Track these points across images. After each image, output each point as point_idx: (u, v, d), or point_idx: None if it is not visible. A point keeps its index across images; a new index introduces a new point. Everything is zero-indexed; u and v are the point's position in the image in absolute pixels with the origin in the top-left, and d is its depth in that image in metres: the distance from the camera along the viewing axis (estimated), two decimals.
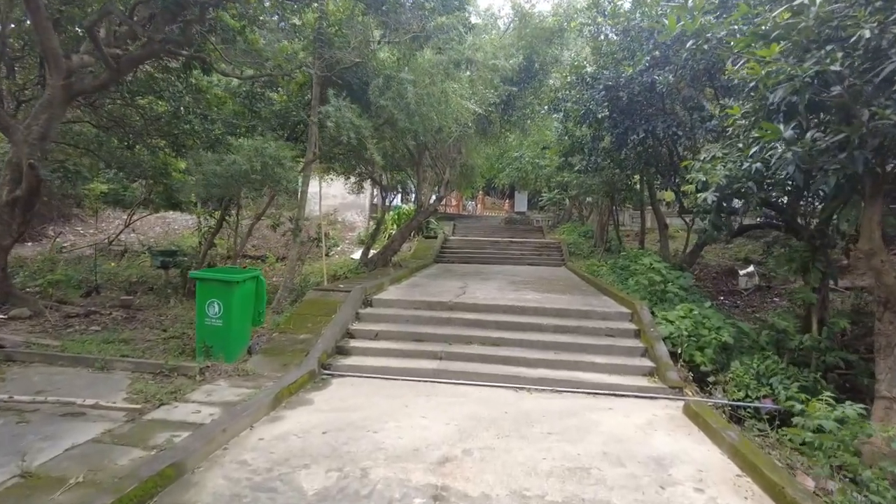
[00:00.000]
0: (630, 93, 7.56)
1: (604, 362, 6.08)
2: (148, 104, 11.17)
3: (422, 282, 10.13)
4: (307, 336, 6.56)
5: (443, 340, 6.63)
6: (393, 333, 6.75)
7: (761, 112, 5.93)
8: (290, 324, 6.86)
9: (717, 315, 6.89)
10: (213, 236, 11.13)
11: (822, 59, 4.34)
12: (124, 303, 9.09)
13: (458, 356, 6.20)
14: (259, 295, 6.39)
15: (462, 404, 5.06)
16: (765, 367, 5.90)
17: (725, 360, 6.55)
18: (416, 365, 6.00)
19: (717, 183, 6.03)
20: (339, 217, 22.57)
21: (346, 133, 6.34)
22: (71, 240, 17.59)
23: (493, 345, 6.52)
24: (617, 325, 7.01)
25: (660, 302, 7.83)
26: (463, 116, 9.88)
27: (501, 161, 23.61)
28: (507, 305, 7.50)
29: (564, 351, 6.39)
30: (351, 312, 7.08)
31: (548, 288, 9.73)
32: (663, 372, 5.80)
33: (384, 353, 6.33)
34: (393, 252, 12.47)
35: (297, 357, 6.08)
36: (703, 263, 16.52)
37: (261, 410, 4.60)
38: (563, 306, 7.54)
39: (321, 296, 7.61)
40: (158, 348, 6.48)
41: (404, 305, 7.63)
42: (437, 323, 7.08)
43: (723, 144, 6.80)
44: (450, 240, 18.37)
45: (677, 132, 7.62)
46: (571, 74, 8.68)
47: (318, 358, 5.95)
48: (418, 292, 8.55)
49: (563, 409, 5.05)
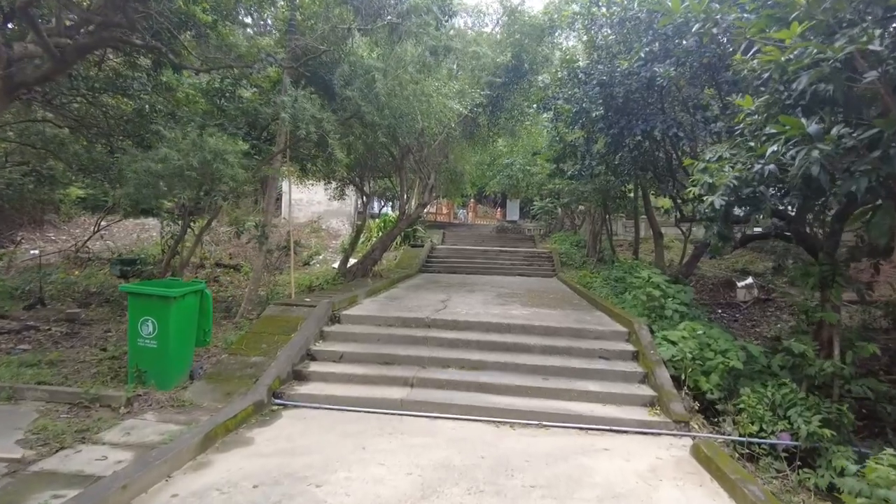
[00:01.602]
0: (627, 89, 6.87)
1: (598, 390, 5.31)
2: (116, 103, 10.40)
3: (401, 294, 9.35)
4: (260, 359, 5.74)
5: (416, 363, 5.83)
6: (360, 355, 5.94)
7: (775, 107, 5.25)
8: (242, 344, 6.04)
9: (723, 335, 6.15)
10: (177, 244, 10.27)
11: (857, 37, 3.65)
12: (70, 316, 8.22)
13: (432, 383, 5.40)
14: (204, 311, 5.57)
15: (431, 446, 4.26)
16: (781, 397, 5.16)
17: (733, 386, 5.80)
18: (383, 394, 5.20)
19: (725, 185, 5.32)
20: (323, 224, 21.77)
21: (304, 127, 5.59)
22: (41, 246, 16.70)
23: (472, 369, 5.74)
24: (612, 345, 6.26)
25: (659, 319, 7.09)
26: (446, 117, 9.19)
27: (492, 168, 22.98)
28: (490, 323, 6.73)
29: (554, 376, 5.62)
30: (314, 330, 6.27)
31: (537, 302, 8.98)
32: (666, 402, 5.04)
33: (347, 379, 5.53)
34: (373, 262, 11.68)
35: (246, 384, 5.26)
36: (700, 275, 15.88)
37: (184, 455, 3.78)
38: (553, 324, 6.78)
39: (282, 311, 6.79)
40: (89, 372, 5.63)
41: (376, 322, 6.84)
42: (411, 343, 6.29)
43: (730, 144, 6.13)
44: (437, 249, 17.61)
45: (678, 133, 6.94)
46: (562, 69, 8.00)
47: (269, 385, 5.13)
48: (394, 307, 7.76)
49: (551, 450, 4.26)
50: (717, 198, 5.44)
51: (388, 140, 6.53)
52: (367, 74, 5.86)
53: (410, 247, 17.94)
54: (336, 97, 6.39)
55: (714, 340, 6.07)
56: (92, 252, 15.71)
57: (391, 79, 6.03)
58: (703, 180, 5.67)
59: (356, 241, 12.10)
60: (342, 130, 6.54)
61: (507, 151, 21.58)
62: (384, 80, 5.90)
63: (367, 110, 6.02)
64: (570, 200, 14.15)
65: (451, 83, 8.93)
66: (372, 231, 18.39)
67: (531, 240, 21.56)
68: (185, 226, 10.37)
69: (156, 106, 10.14)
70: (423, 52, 6.52)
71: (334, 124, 6.08)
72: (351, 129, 6.85)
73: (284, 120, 5.60)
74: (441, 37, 6.54)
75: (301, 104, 5.54)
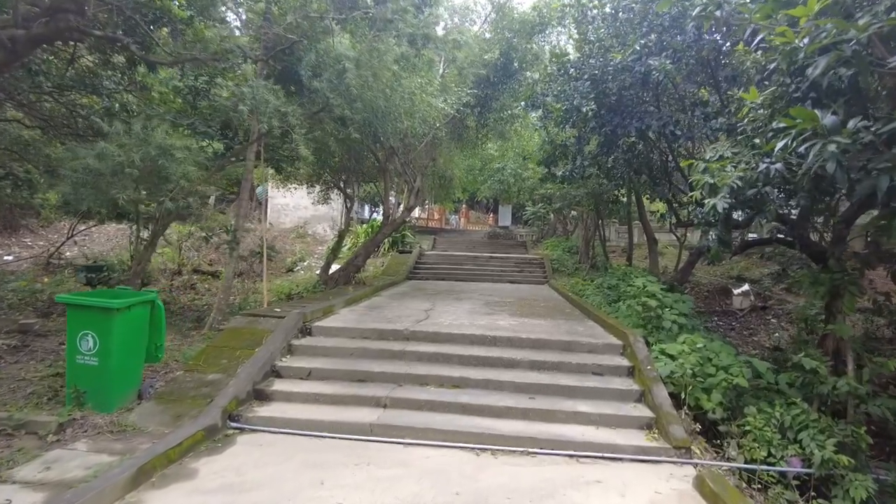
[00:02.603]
0: (620, 85, 6.44)
1: (590, 411, 4.82)
2: (89, 103, 9.86)
3: (383, 303, 8.82)
4: (218, 376, 5.19)
5: (391, 381, 5.31)
6: (330, 372, 5.41)
7: (782, 101, 4.82)
8: (200, 359, 5.49)
9: (725, 349, 5.69)
10: (147, 250, 9.70)
11: (885, 12, 3.22)
12: (23, 328, 7.60)
13: (408, 403, 4.88)
14: (156, 324, 5.03)
15: (401, 479, 3.74)
16: (791, 418, 4.69)
17: (737, 404, 5.33)
18: (352, 416, 4.67)
19: (728, 186, 4.88)
20: (309, 230, 21.22)
21: (266, 121, 5.09)
22: (16, 252, 16.04)
23: (453, 387, 5.22)
24: (606, 360, 5.77)
25: (656, 330, 6.62)
26: (430, 116, 8.74)
27: (483, 173, 22.56)
28: (475, 335, 6.22)
29: (542, 395, 5.12)
30: (281, 344, 5.74)
31: (527, 311, 8.49)
32: (665, 425, 4.56)
33: (314, 399, 4.99)
34: (356, 268, 11.15)
35: (199, 405, 4.72)
36: (694, 282, 15.51)
37: (107, 496, 3.23)
38: (543, 335, 6.29)
39: (248, 323, 6.25)
40: (24, 391, 5.06)
41: (351, 334, 6.31)
42: (387, 357, 5.77)
43: (732, 143, 5.70)
44: (426, 255, 17.09)
45: (675, 131, 6.51)
46: (552, 64, 7.56)
47: (224, 407, 4.59)
48: (373, 317, 7.23)
49: (537, 484, 3.75)
50: (720, 200, 4.99)
51: (363, 137, 6.06)
52: (338, 64, 5.37)
53: (398, 253, 17.44)
54: (305, 90, 5.89)
55: (716, 355, 5.60)
56: (65, 259, 15.08)
57: (365, 69, 5.54)
58: (703, 181, 5.23)
59: (339, 246, 11.57)
60: (310, 125, 6.03)
61: (499, 156, 21.19)
62: (357, 70, 5.41)
63: (336, 103, 5.52)
64: (563, 205, 13.71)
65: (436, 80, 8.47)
66: (359, 236, 17.87)
67: (523, 245, 21.13)
68: (156, 231, 9.83)
69: (128, 105, 9.65)
70: (400, 41, 6.03)
71: (301, 118, 5.57)
72: (321, 125, 6.35)
73: (243, 112, 5.10)
74: (419, 24, 6.07)
75: (262, 95, 5.02)
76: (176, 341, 7.78)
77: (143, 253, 7.23)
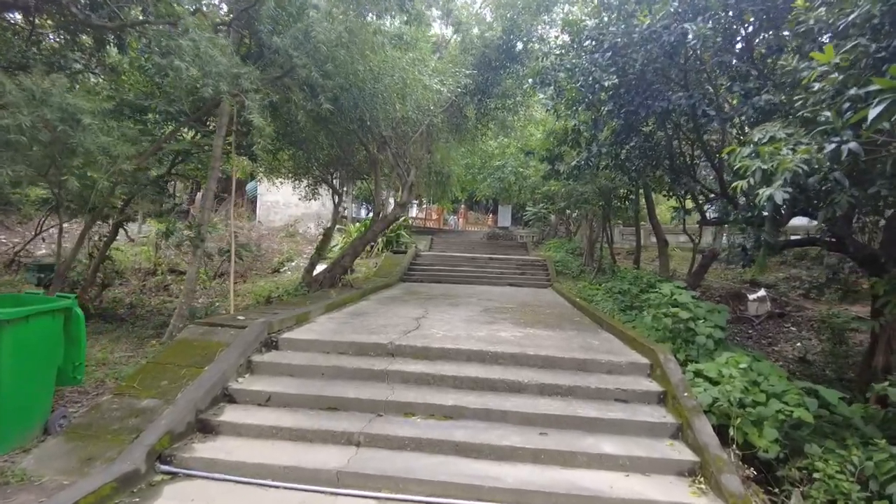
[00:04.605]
0: (646, 56, 5.47)
1: (617, 452, 3.82)
2: None
3: (369, 309, 7.82)
4: (153, 402, 4.18)
5: (370, 409, 4.31)
6: (294, 397, 4.40)
7: (862, 62, 3.86)
8: (136, 380, 4.47)
9: (774, 370, 4.71)
10: (107, 246, 8.70)
11: None
12: None
13: (387, 441, 3.88)
14: (73, 338, 4.02)
15: None
16: (875, 466, 3.71)
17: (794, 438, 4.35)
18: (316, 459, 3.66)
19: (791, 171, 3.90)
20: (299, 228, 20.23)
21: (213, 83, 4.09)
22: None
23: (444, 417, 4.22)
24: (631, 383, 4.78)
25: (684, 345, 5.64)
26: (425, 98, 7.76)
27: (483, 172, 21.60)
28: (472, 350, 5.22)
29: (556, 429, 4.12)
30: (237, 361, 4.73)
31: (531, 319, 7.50)
32: (714, 473, 3.56)
33: (271, 434, 3.99)
34: (343, 269, 10.15)
35: (123, 441, 3.71)
36: (706, 286, 14.57)
37: None
38: (553, 352, 5.29)
39: (203, 333, 5.23)
40: None
41: (325, 348, 5.31)
42: (366, 378, 4.77)
43: (783, 122, 4.73)
44: (422, 255, 16.11)
45: (707, 111, 5.54)
46: (565, 33, 6.60)
47: (152, 445, 3.58)
48: (354, 327, 6.23)
49: None
50: (777, 190, 4.00)
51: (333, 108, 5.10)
52: (302, 14, 4.36)
53: (393, 253, 16.45)
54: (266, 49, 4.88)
55: (764, 378, 4.62)
56: (36, 258, 14.09)
57: (338, 24, 4.55)
58: (753, 167, 4.24)
59: (324, 245, 10.57)
60: (271, 91, 5.01)
61: (499, 153, 20.23)
62: (329, 24, 4.42)
63: (301, 63, 4.50)
64: (568, 203, 12.74)
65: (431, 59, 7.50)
66: (351, 235, 16.89)
67: (523, 247, 20.17)
68: (116, 226, 8.84)
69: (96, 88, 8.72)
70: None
71: (258, 83, 4.57)
72: (286, 93, 5.34)
73: (180, 70, 4.09)
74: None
75: (207, 52, 4.02)
76: (129, 352, 6.78)
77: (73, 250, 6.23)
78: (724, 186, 7.00)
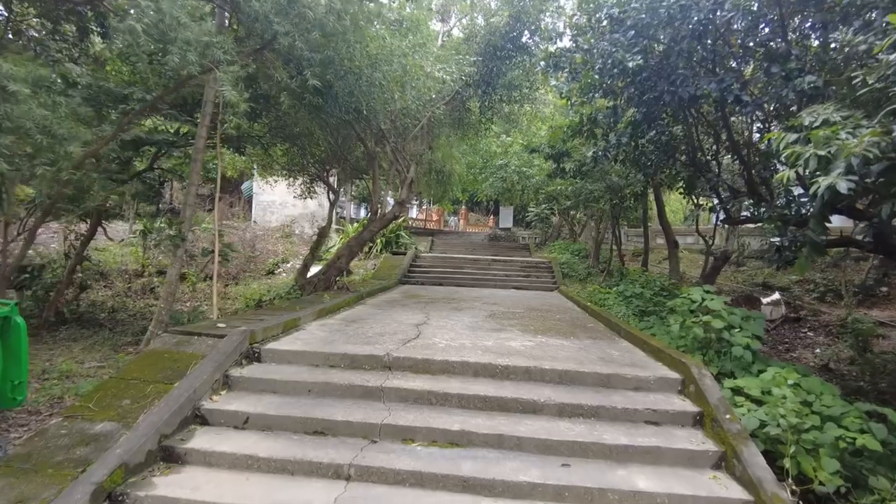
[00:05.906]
0: (673, 35, 4.90)
1: (654, 489, 3.22)
2: None
3: (365, 314, 7.23)
4: (111, 426, 3.59)
5: (362, 434, 3.71)
6: (276, 420, 3.81)
7: None
8: (93, 398, 3.87)
9: (827, 388, 4.12)
10: (84, 246, 8.13)
11: None
12: None
13: (382, 475, 3.28)
14: (11, 351, 3.43)
15: None
16: None
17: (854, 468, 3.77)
18: (298, 497, 3.07)
19: (858, 157, 3.33)
20: (296, 229, 19.65)
21: (178, 51, 3.51)
22: None
23: (449, 444, 3.63)
24: (662, 402, 4.18)
25: (716, 357, 5.06)
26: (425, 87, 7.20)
27: (485, 171, 21.03)
28: (479, 364, 4.62)
29: (580, 458, 3.53)
30: (214, 375, 4.14)
31: (542, 326, 6.90)
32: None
33: (246, 465, 3.39)
34: (338, 271, 9.56)
35: (67, 476, 3.12)
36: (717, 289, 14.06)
37: None
38: (571, 365, 4.70)
39: (176, 343, 4.64)
40: None
41: (314, 361, 4.72)
42: (359, 397, 4.18)
43: (837, 105, 4.15)
44: (422, 257, 15.53)
45: (740, 97, 4.97)
46: (581, 12, 6.01)
47: (100, 483, 2.99)
48: (347, 335, 5.64)
49: None
50: (839, 179, 3.42)
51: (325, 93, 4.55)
52: None
53: (392, 254, 15.88)
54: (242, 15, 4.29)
55: (816, 397, 4.03)
56: None
57: None
58: (808, 154, 3.65)
59: (319, 246, 10.00)
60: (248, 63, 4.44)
61: (501, 152, 19.66)
62: None
63: (282, 30, 3.92)
64: (575, 202, 12.16)
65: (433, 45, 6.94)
66: (349, 236, 16.32)
67: (526, 248, 19.61)
68: (94, 225, 8.27)
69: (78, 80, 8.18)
70: None
71: (233, 54, 3.99)
72: (267, 66, 4.75)
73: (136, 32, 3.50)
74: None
75: (171, 12, 3.43)
76: (101, 362, 6.19)
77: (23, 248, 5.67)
78: (753, 182, 6.42)
